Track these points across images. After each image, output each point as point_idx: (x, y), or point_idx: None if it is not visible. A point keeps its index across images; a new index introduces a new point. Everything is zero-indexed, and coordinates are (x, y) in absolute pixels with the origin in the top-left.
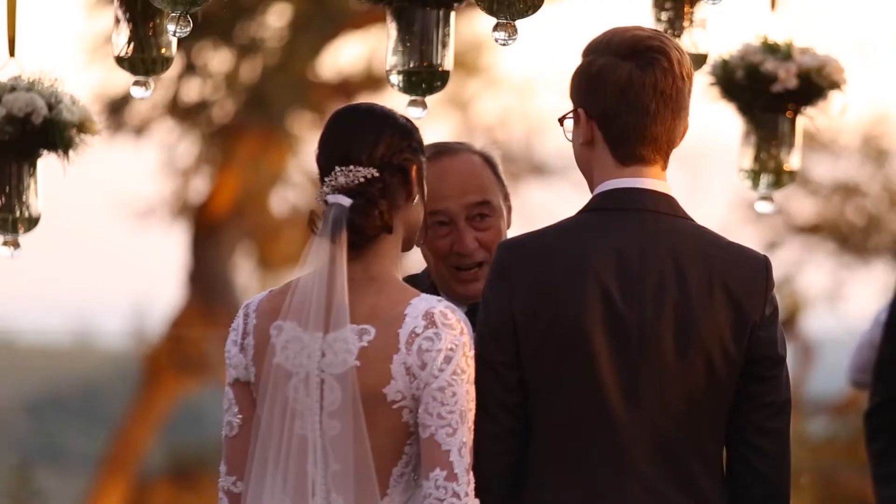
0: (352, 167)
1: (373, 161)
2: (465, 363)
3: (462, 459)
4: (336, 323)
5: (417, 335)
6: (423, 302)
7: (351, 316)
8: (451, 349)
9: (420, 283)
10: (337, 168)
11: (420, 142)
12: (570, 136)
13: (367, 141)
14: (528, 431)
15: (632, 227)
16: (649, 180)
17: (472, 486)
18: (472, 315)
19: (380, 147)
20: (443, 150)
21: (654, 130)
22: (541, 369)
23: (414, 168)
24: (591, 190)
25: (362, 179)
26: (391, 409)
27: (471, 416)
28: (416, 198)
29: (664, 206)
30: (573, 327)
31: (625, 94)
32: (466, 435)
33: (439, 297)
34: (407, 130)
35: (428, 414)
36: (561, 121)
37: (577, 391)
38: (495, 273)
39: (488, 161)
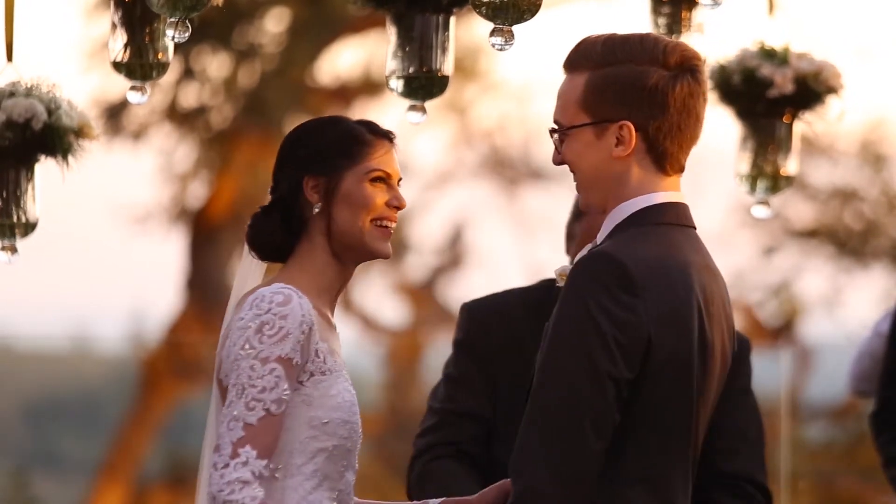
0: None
1: (272, 181)
2: (258, 341)
3: (230, 432)
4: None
5: (237, 317)
6: (262, 288)
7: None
8: (247, 326)
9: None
10: None
11: (322, 150)
12: (578, 147)
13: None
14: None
15: (693, 245)
16: (680, 193)
17: (239, 461)
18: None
19: (275, 167)
20: None
21: (698, 138)
22: (653, 390)
23: (305, 179)
24: (608, 202)
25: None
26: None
27: (253, 392)
28: (318, 208)
29: (693, 222)
30: (688, 349)
31: (686, 106)
32: (240, 409)
33: (283, 284)
34: (293, 145)
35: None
36: (561, 131)
37: (676, 414)
38: (616, 285)
39: None
